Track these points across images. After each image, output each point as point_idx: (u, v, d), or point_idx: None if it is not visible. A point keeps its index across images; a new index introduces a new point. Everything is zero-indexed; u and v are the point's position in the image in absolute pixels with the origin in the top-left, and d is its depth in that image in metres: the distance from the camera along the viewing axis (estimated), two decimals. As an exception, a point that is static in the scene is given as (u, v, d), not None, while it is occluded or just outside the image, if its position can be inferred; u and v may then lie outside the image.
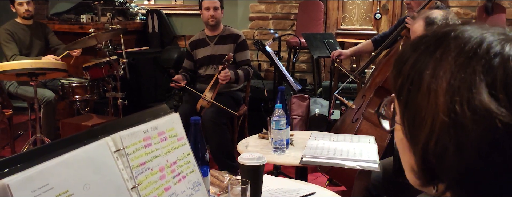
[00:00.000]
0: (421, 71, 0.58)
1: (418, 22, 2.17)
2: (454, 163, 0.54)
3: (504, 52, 0.54)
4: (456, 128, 0.53)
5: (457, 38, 0.58)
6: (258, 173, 1.46)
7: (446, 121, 0.54)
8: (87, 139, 0.93)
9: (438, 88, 0.55)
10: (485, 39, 0.56)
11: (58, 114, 4.12)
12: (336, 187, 3.10)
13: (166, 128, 1.12)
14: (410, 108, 0.59)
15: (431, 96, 0.56)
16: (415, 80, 0.59)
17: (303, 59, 5.22)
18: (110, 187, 0.92)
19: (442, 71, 0.56)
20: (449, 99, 0.54)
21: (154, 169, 1.04)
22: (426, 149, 0.57)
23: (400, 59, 0.63)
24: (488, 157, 0.53)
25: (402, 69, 0.61)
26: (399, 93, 0.61)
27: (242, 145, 2.24)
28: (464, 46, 0.56)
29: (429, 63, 0.58)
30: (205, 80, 3.56)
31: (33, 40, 4.05)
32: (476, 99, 0.53)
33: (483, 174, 0.54)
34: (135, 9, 5.52)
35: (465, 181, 0.55)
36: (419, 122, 0.57)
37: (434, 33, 0.61)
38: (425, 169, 0.59)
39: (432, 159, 0.56)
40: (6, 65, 3.27)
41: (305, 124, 3.83)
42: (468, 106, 0.53)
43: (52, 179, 0.82)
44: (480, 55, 0.55)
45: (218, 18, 3.56)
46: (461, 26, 0.60)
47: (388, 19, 4.98)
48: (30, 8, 3.96)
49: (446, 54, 0.57)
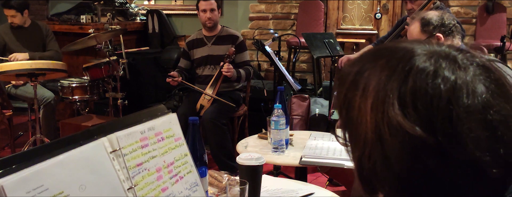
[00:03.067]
0: (353, 94, 0.62)
1: (414, 24, 2.15)
2: (384, 175, 0.58)
3: (418, 69, 0.57)
4: (381, 142, 0.58)
5: (387, 56, 0.61)
6: (257, 173, 1.46)
7: (373, 136, 0.58)
8: (83, 139, 0.93)
9: (365, 108, 0.60)
10: (413, 54, 0.59)
11: (58, 114, 4.12)
12: (336, 187, 3.09)
13: (163, 128, 1.11)
14: (348, 127, 0.64)
15: (361, 115, 0.60)
16: (350, 102, 0.63)
17: (303, 59, 5.22)
18: (106, 188, 0.92)
19: (368, 92, 0.60)
20: (374, 117, 0.58)
21: (151, 170, 1.03)
22: (362, 164, 0.61)
23: (339, 86, 0.67)
24: (410, 167, 0.56)
25: (340, 93, 0.66)
26: (340, 114, 0.66)
27: (241, 145, 2.24)
28: (388, 62, 0.60)
29: (360, 83, 0.62)
30: (202, 81, 3.56)
31: (27, 42, 4.03)
32: (391, 116, 0.56)
33: (411, 182, 0.57)
34: (135, 10, 5.52)
35: (398, 190, 0.59)
36: (355, 140, 0.62)
37: (356, 62, 0.65)
38: (364, 181, 0.63)
39: (367, 172, 0.61)
40: (5, 65, 3.27)
41: (305, 124, 3.82)
42: (387, 122, 0.57)
43: (47, 180, 0.81)
44: (398, 72, 0.58)
45: (216, 20, 3.55)
46: (397, 44, 0.64)
47: (388, 19, 4.97)
48: (15, 20, 3.93)
49: (373, 74, 0.60)
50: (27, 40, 4.04)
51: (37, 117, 3.53)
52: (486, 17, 4.47)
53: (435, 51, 0.60)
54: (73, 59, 4.72)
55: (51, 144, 0.88)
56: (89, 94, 3.79)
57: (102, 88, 3.90)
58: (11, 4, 3.86)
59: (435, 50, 0.60)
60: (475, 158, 0.55)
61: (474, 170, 0.56)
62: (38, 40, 4.12)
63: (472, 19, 4.61)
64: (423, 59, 0.58)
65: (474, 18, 4.59)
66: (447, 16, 2.11)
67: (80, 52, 4.44)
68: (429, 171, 0.56)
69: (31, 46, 4.05)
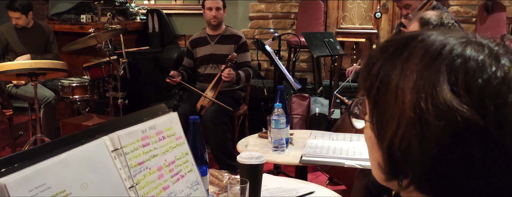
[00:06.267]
0: (390, 71, 0.62)
1: (413, 24, 2.15)
2: (418, 157, 0.58)
3: (465, 54, 0.59)
4: (421, 123, 0.57)
5: (423, 41, 0.62)
6: (257, 172, 1.46)
7: (412, 116, 0.58)
8: (85, 138, 0.93)
9: (405, 86, 0.59)
10: (448, 42, 0.61)
11: (58, 114, 4.12)
12: (336, 186, 3.10)
13: (164, 127, 1.12)
14: (379, 105, 0.63)
15: (398, 94, 0.60)
16: (384, 80, 0.63)
17: (303, 59, 5.22)
18: (107, 186, 0.92)
19: (409, 70, 0.60)
20: (415, 96, 0.58)
21: (152, 168, 1.04)
22: (392, 144, 0.61)
23: (369, 62, 0.67)
24: (449, 150, 0.57)
25: (372, 70, 0.65)
26: (369, 92, 0.65)
27: (241, 144, 2.24)
28: (429, 48, 0.61)
29: (397, 64, 0.62)
30: (204, 79, 3.57)
31: (29, 42, 4.04)
32: (439, 95, 0.57)
33: (446, 166, 0.58)
34: (135, 9, 5.52)
35: (429, 174, 0.59)
36: (387, 119, 0.61)
37: (401, 37, 0.66)
38: (391, 164, 0.63)
39: (398, 154, 0.60)
40: (6, 65, 3.27)
41: (305, 123, 3.82)
42: (432, 102, 0.57)
43: (49, 179, 0.82)
44: (444, 56, 0.59)
45: (220, 18, 3.57)
46: (426, 31, 0.65)
47: (388, 18, 4.98)
48: (19, 22, 3.95)
49: (413, 56, 0.61)
50: (29, 40, 4.05)
51: (37, 116, 3.54)
52: (486, 16, 4.47)
53: (466, 41, 0.62)
54: (74, 59, 4.73)
55: (52, 143, 0.88)
56: (89, 94, 3.79)
57: (102, 87, 3.90)
58: (16, 6, 3.87)
59: (466, 39, 0.62)
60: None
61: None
62: (40, 41, 4.13)
63: (471, 18, 4.62)
64: (473, 45, 0.60)
65: (474, 17, 4.60)
66: (445, 16, 2.12)
67: (80, 51, 4.44)
68: (467, 155, 0.56)
69: (33, 47, 4.05)
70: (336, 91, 3.25)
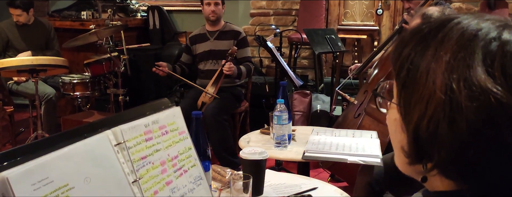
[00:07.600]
0: (423, 52, 0.61)
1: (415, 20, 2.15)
2: (446, 139, 0.57)
3: (502, 37, 0.58)
4: (451, 104, 0.56)
5: (459, 24, 0.61)
6: (260, 168, 1.45)
7: (442, 98, 0.57)
8: (87, 132, 0.92)
9: (437, 67, 0.58)
10: (485, 25, 0.60)
11: (59, 110, 4.11)
12: (338, 183, 3.09)
13: (167, 121, 1.11)
14: (408, 86, 0.62)
15: (429, 74, 0.59)
16: (415, 61, 0.61)
17: (305, 55, 5.21)
18: (111, 180, 0.91)
19: (443, 51, 0.59)
20: (447, 77, 0.57)
21: (155, 163, 1.03)
22: (419, 126, 0.59)
23: (400, 43, 0.65)
24: (480, 133, 0.55)
25: (403, 51, 0.64)
26: (398, 73, 0.64)
27: (243, 140, 2.23)
28: (465, 31, 0.60)
29: (431, 45, 0.61)
30: (205, 76, 3.56)
31: (30, 39, 4.04)
32: (473, 76, 0.55)
33: (475, 150, 0.56)
34: (136, 6, 5.51)
35: (456, 158, 0.57)
36: (415, 100, 0.60)
37: (436, 20, 0.65)
38: (416, 147, 0.61)
39: (424, 136, 0.59)
40: (7, 61, 3.26)
41: (307, 120, 3.82)
42: (465, 83, 0.55)
43: (52, 172, 0.81)
44: (480, 38, 0.58)
45: (219, 14, 3.56)
46: (462, 14, 0.64)
47: (390, 15, 4.96)
48: (20, 19, 3.95)
49: (448, 37, 0.60)
50: (30, 37, 4.04)
51: (38, 113, 3.53)
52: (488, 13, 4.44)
53: (503, 25, 0.61)
54: (74, 56, 4.72)
55: (55, 137, 0.87)
56: (90, 90, 3.78)
57: (103, 84, 3.90)
58: (17, 3, 3.87)
59: (502, 22, 0.61)
60: None
61: None
62: (41, 38, 4.12)
63: (473, 15, 4.60)
64: (510, 29, 0.59)
65: (476, 14, 4.58)
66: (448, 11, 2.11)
67: (81, 48, 4.43)
68: (499, 139, 0.55)
69: (34, 44, 4.04)
70: (338, 88, 3.24)
